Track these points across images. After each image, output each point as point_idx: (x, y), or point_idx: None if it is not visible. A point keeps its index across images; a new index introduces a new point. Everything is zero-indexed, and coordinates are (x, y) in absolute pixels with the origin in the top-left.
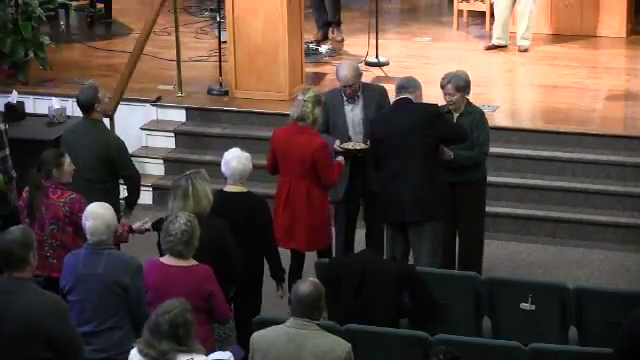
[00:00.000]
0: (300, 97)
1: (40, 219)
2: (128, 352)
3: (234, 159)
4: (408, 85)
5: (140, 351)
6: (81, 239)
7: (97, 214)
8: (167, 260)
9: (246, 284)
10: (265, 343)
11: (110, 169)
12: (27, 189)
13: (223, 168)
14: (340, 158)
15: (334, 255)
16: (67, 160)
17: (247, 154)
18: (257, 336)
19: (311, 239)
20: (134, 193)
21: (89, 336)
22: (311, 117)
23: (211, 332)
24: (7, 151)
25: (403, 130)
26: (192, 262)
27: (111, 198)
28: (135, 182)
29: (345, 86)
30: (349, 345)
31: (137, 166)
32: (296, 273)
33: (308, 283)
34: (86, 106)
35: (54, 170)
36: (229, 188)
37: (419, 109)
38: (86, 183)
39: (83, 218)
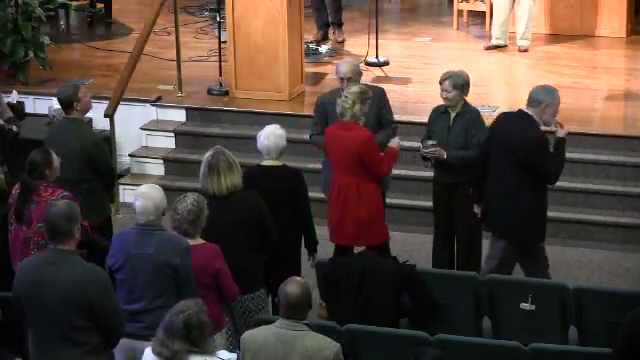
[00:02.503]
0: (343, 93)
1: (28, 217)
2: None
3: (262, 135)
4: (534, 99)
5: (153, 350)
6: None
7: (147, 194)
8: None
9: (283, 254)
10: (255, 343)
11: (91, 168)
12: (17, 187)
13: (257, 144)
14: (393, 143)
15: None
16: (54, 156)
17: (280, 131)
18: (247, 336)
19: (364, 234)
20: (108, 190)
21: (139, 314)
22: (349, 113)
23: (223, 310)
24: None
25: (504, 141)
26: (199, 241)
27: (94, 196)
28: (109, 181)
29: (342, 79)
30: (338, 345)
31: (137, 166)
32: None
33: (295, 284)
34: (65, 104)
35: (47, 170)
36: (265, 162)
37: (526, 132)
38: (68, 183)
39: (133, 198)
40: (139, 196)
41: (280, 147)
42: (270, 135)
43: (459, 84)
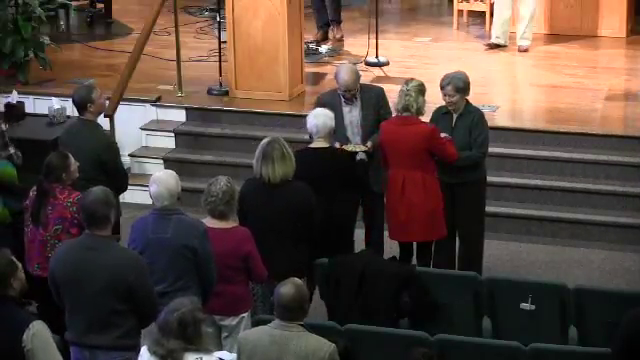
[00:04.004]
0: (403, 87)
1: (44, 219)
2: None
3: (312, 115)
4: None
5: (149, 349)
6: None
7: (160, 180)
8: (209, 222)
9: (336, 231)
10: (249, 344)
11: (101, 169)
12: (33, 189)
13: (307, 125)
14: (445, 134)
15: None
16: (72, 160)
17: (329, 112)
18: (242, 337)
19: (430, 229)
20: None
21: (160, 296)
22: (415, 106)
23: (249, 292)
24: (11, 150)
25: None
26: (232, 224)
27: None
28: (119, 183)
29: (345, 91)
30: (333, 345)
31: (137, 166)
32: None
33: (290, 285)
34: (79, 105)
35: (63, 174)
36: (313, 144)
37: None
38: (80, 182)
39: (149, 184)
40: (154, 182)
41: (329, 127)
42: (319, 115)
43: (461, 87)
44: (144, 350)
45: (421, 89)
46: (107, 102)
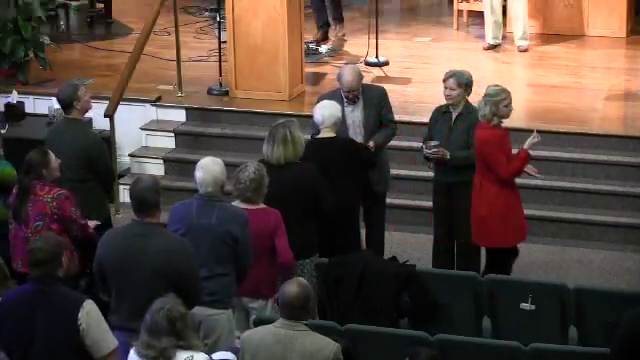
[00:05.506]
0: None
1: (25, 216)
2: (232, 296)
3: (318, 106)
4: None
5: (139, 353)
6: (67, 238)
7: (206, 166)
8: (238, 205)
9: (342, 220)
10: (253, 343)
11: (90, 168)
12: (15, 187)
13: (313, 117)
14: (527, 144)
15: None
16: (52, 156)
17: (337, 105)
18: (246, 336)
19: (480, 234)
20: (107, 191)
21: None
22: (479, 113)
23: (275, 276)
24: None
25: None
26: (261, 206)
27: (93, 196)
28: (107, 181)
29: (348, 91)
30: (337, 345)
31: (137, 166)
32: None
33: (295, 284)
34: (65, 103)
35: (44, 170)
36: (320, 135)
37: None
38: (68, 182)
39: (196, 169)
40: (200, 168)
41: (335, 117)
42: (326, 106)
43: (463, 83)
44: (132, 353)
45: (492, 100)
46: (91, 101)
